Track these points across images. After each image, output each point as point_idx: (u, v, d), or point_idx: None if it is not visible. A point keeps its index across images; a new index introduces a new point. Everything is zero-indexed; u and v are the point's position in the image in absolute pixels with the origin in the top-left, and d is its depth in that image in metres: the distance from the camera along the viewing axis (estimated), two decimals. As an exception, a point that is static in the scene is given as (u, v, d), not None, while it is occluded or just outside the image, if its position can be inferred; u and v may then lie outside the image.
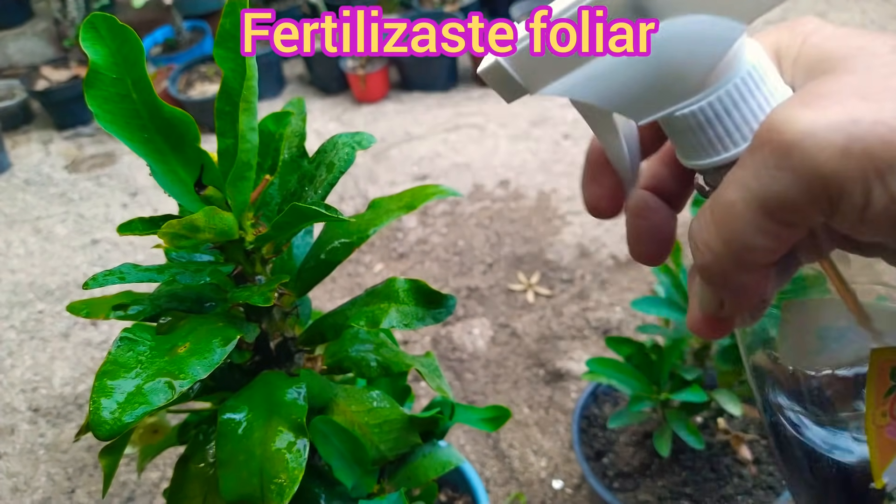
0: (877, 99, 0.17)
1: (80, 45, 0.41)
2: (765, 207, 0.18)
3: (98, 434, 0.35)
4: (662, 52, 0.19)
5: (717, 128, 0.20)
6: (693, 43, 0.19)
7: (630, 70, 0.20)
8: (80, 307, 0.51)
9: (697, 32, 0.19)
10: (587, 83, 0.21)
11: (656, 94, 0.20)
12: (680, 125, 0.21)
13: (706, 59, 0.19)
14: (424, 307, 0.49)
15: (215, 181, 0.46)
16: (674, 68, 0.20)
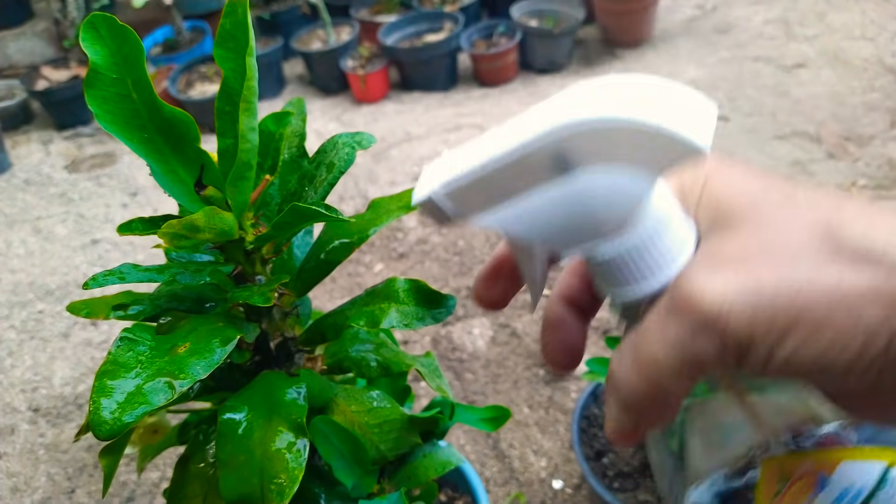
0: (774, 263, 0.20)
1: (80, 45, 0.41)
2: (686, 364, 0.21)
3: (98, 434, 0.35)
4: (581, 198, 0.21)
5: (629, 267, 0.23)
6: (608, 192, 0.21)
7: (552, 211, 0.22)
8: (80, 307, 0.51)
9: (613, 183, 0.21)
10: (513, 219, 0.23)
11: (576, 234, 0.23)
12: (600, 261, 0.23)
13: (620, 206, 0.22)
14: (424, 307, 0.49)
15: (215, 181, 0.46)
16: (592, 213, 0.22)
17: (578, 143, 0.20)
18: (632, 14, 2.31)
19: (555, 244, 0.24)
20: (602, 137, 0.20)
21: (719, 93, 2.06)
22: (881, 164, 1.69)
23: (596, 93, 0.20)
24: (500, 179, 0.22)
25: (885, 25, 2.25)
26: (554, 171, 0.21)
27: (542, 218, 0.23)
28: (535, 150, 0.21)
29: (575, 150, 0.21)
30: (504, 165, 0.22)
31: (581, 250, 0.24)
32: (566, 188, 0.22)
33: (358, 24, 2.45)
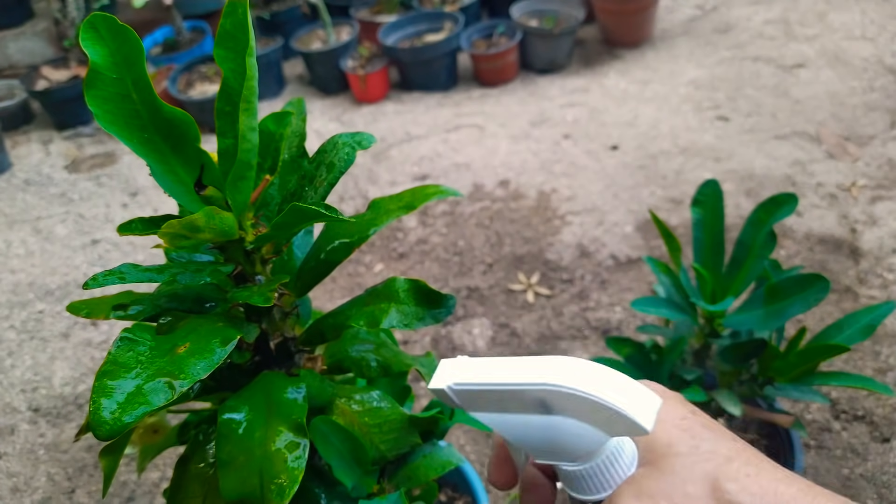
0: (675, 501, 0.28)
1: (80, 45, 0.41)
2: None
3: (98, 434, 0.35)
4: (554, 432, 0.30)
5: (585, 482, 0.31)
6: (574, 435, 0.30)
7: (533, 432, 0.31)
8: (80, 307, 0.51)
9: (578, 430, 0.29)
10: (504, 426, 0.32)
11: (548, 452, 0.32)
12: (562, 471, 0.32)
13: (582, 445, 0.30)
14: (424, 307, 0.49)
15: (215, 181, 0.46)
16: (560, 444, 0.30)
17: (559, 399, 0.29)
18: (632, 14, 2.31)
19: (529, 451, 0.33)
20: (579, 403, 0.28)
21: (719, 93, 2.06)
22: (881, 164, 1.69)
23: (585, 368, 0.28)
24: (498, 398, 0.31)
25: (885, 25, 2.25)
26: (538, 408, 0.30)
27: (525, 434, 0.31)
28: (527, 392, 0.29)
29: (555, 402, 0.29)
30: (503, 391, 0.30)
31: (547, 461, 0.32)
32: (545, 422, 0.30)
33: (358, 24, 2.45)
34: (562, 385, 0.28)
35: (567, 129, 2.02)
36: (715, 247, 0.84)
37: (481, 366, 0.32)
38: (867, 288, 1.38)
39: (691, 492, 0.28)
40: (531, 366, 0.30)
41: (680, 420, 0.31)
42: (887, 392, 0.79)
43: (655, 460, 0.30)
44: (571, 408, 0.29)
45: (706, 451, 0.29)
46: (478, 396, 0.32)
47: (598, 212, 1.68)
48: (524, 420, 0.31)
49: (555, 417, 0.30)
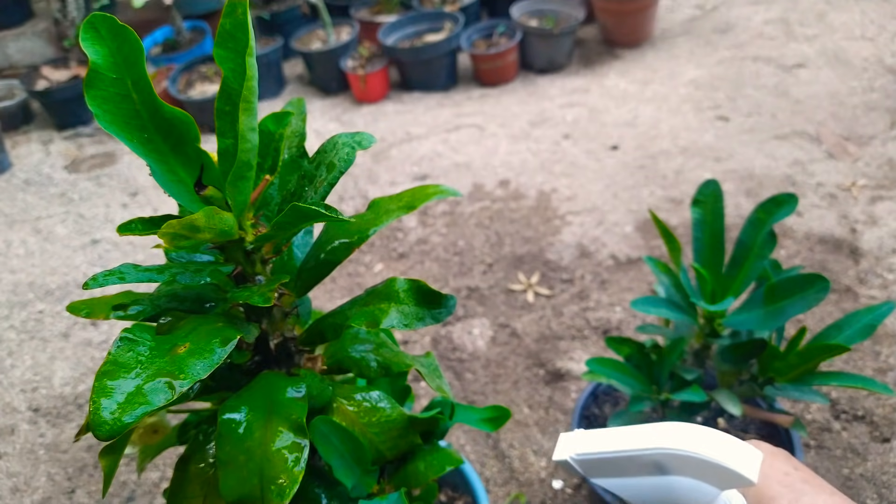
0: None
1: (80, 45, 0.41)
2: None
3: (98, 434, 0.35)
4: (671, 489, 0.33)
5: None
6: (690, 490, 0.33)
7: (651, 492, 0.34)
8: (80, 307, 0.51)
9: (694, 488, 0.33)
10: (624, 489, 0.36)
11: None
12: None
13: (697, 499, 0.33)
14: (424, 307, 0.49)
15: (215, 181, 0.46)
16: (676, 499, 0.33)
17: (673, 461, 0.33)
18: (632, 14, 2.31)
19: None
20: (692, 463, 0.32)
21: (719, 93, 2.06)
22: (881, 164, 1.69)
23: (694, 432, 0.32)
24: (617, 464, 0.35)
25: (885, 25, 2.25)
26: (655, 470, 0.34)
27: (643, 493, 0.35)
28: (645, 457, 0.33)
29: (670, 464, 0.33)
30: (622, 458, 0.34)
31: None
32: (661, 482, 0.34)
33: (358, 24, 2.45)
34: (675, 449, 0.32)
35: (567, 129, 2.02)
36: (715, 247, 0.84)
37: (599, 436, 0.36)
38: (867, 288, 1.38)
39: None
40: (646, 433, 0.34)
41: (783, 476, 0.34)
42: (887, 392, 0.78)
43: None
44: (684, 467, 0.33)
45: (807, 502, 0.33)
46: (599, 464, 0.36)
47: (598, 212, 1.68)
48: (642, 482, 0.35)
49: (671, 477, 0.34)
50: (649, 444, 0.33)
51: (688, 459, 0.32)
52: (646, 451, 0.33)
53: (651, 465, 0.34)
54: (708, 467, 0.32)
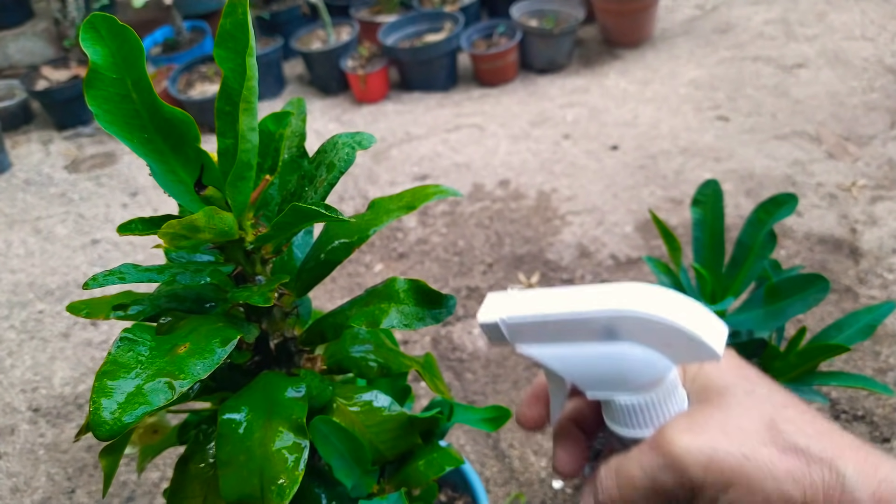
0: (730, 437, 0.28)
1: (80, 45, 0.41)
2: (651, 486, 0.29)
3: (98, 434, 0.35)
4: (617, 361, 0.29)
5: (637, 416, 0.31)
6: (639, 363, 0.29)
7: (592, 362, 0.30)
8: (80, 307, 0.51)
9: (644, 359, 0.29)
10: (557, 358, 0.31)
11: (603, 383, 0.31)
12: (614, 405, 0.31)
13: (644, 375, 0.29)
14: (424, 307, 0.49)
15: (215, 181, 0.46)
16: (621, 373, 0.30)
17: (629, 325, 0.28)
18: (632, 14, 2.31)
19: (583, 385, 0.32)
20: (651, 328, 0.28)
21: (719, 93, 2.06)
22: (881, 164, 1.69)
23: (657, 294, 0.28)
24: (557, 329, 0.30)
25: (885, 25, 2.25)
26: (602, 336, 0.29)
27: (581, 365, 0.31)
28: (594, 320, 0.29)
29: (624, 329, 0.28)
30: (565, 321, 0.30)
31: (602, 394, 0.31)
32: (607, 350, 0.29)
33: (358, 24, 2.45)
34: (635, 311, 0.27)
35: (567, 129, 2.02)
36: (715, 247, 0.84)
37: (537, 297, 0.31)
38: (867, 288, 1.38)
39: (746, 427, 0.28)
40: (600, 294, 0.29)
41: (736, 368, 0.31)
42: (887, 392, 0.79)
43: (709, 399, 0.30)
44: (640, 333, 0.28)
45: (762, 395, 0.30)
46: (534, 329, 0.30)
47: (598, 212, 1.68)
48: (584, 350, 0.30)
49: (620, 345, 0.29)
50: (605, 306, 0.28)
51: (648, 324, 0.27)
52: (600, 313, 0.28)
53: (600, 331, 0.29)
54: (669, 334, 0.27)
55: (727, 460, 0.27)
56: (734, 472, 0.27)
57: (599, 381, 0.31)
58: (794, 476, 0.27)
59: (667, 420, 0.30)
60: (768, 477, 0.27)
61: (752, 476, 0.27)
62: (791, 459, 0.27)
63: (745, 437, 0.28)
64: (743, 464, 0.27)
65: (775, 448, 0.27)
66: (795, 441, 0.27)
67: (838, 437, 0.28)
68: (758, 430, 0.28)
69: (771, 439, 0.27)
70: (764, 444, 0.27)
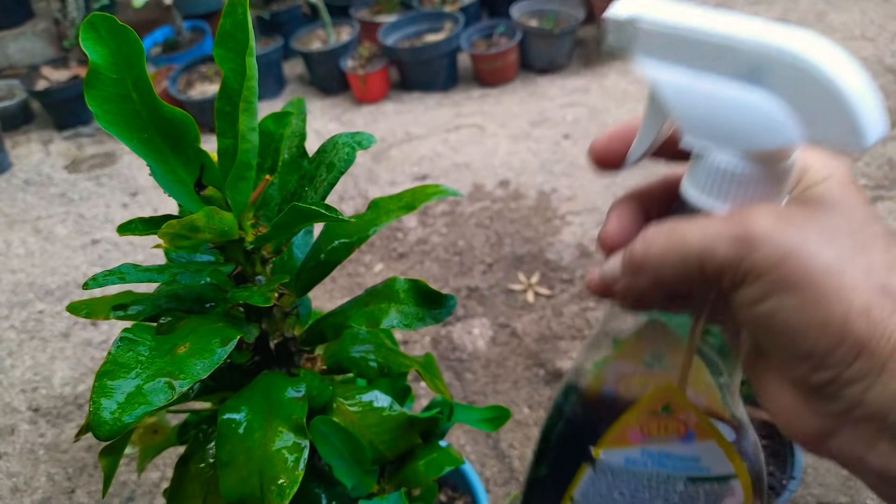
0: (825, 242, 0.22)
1: (80, 45, 0.41)
2: (702, 254, 0.24)
3: (98, 434, 0.35)
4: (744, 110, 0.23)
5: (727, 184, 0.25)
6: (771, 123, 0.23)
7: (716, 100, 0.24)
8: (80, 307, 0.51)
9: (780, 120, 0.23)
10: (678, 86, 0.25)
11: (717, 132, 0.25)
12: (708, 163, 0.25)
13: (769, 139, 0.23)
14: (424, 307, 0.49)
15: (215, 181, 0.46)
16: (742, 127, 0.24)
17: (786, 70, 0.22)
18: (632, 14, 2.31)
19: (690, 126, 0.25)
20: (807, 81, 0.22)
21: (719, 93, 2.06)
22: (881, 164, 1.69)
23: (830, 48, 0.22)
24: (697, 50, 0.24)
25: (885, 25, 2.25)
26: (744, 75, 0.23)
27: (701, 101, 0.24)
28: (745, 50, 0.23)
29: (777, 73, 0.22)
30: (711, 42, 0.23)
31: (704, 145, 0.25)
32: (742, 93, 0.23)
33: (358, 24, 2.45)
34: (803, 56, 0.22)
35: (567, 129, 2.02)
36: (715, 247, 0.84)
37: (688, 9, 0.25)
38: (867, 288, 1.38)
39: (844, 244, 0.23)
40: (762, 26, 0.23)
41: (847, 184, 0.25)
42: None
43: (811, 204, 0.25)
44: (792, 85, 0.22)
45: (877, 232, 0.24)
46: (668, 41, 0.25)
47: (599, 212, 1.68)
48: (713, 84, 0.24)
49: (760, 91, 0.23)
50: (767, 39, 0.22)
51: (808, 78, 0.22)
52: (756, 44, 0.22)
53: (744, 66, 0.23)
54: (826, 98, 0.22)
55: (809, 262, 0.22)
56: (809, 278, 0.22)
57: (710, 127, 0.25)
58: (872, 315, 0.22)
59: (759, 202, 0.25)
60: (843, 301, 0.22)
61: (825, 290, 0.22)
62: (878, 297, 0.22)
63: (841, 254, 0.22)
64: (824, 275, 0.22)
65: (867, 279, 0.22)
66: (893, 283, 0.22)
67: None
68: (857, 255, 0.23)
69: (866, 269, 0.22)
70: (856, 270, 0.22)
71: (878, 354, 0.22)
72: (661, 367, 0.30)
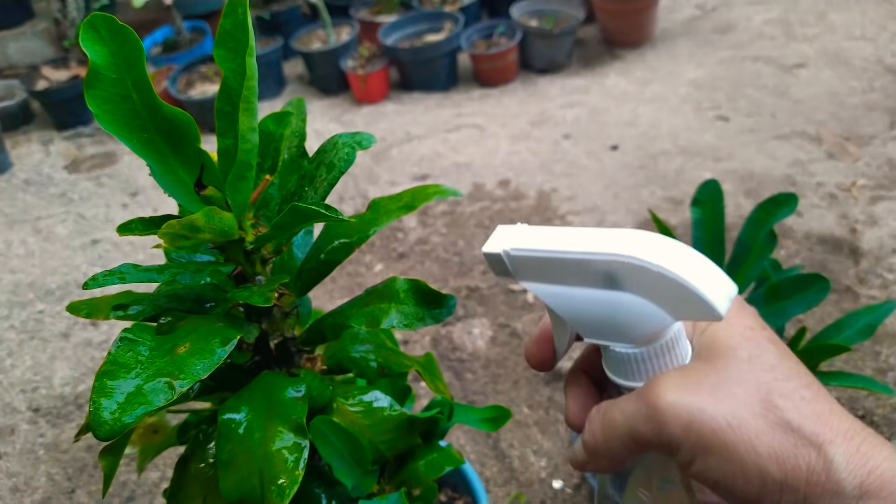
0: (720, 399, 0.26)
1: (80, 45, 0.41)
2: (630, 435, 0.28)
3: (98, 434, 0.35)
4: (617, 310, 0.28)
5: (634, 366, 0.29)
6: (639, 315, 0.27)
7: (591, 307, 0.29)
8: (80, 307, 0.51)
9: (644, 311, 0.27)
10: (559, 299, 0.30)
11: (603, 331, 0.29)
12: (610, 353, 0.30)
13: (643, 327, 0.28)
14: (424, 307, 0.49)
15: (215, 181, 0.46)
16: (619, 323, 0.28)
17: (631, 273, 0.26)
18: (632, 14, 2.31)
19: (582, 329, 0.31)
20: (651, 278, 0.26)
21: (719, 93, 2.06)
22: (881, 164, 1.69)
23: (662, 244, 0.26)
24: (559, 268, 0.29)
25: (885, 25, 2.25)
26: (603, 283, 0.28)
27: (581, 309, 0.29)
28: (596, 263, 0.27)
29: (625, 277, 0.27)
30: (567, 261, 0.28)
31: (600, 341, 0.30)
32: (608, 298, 0.28)
33: (358, 24, 2.45)
34: (637, 258, 0.26)
35: (567, 129, 2.02)
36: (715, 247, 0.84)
37: (544, 234, 0.29)
38: (867, 288, 1.38)
39: (738, 394, 0.26)
40: (603, 237, 0.27)
41: (747, 329, 0.29)
42: (887, 392, 0.78)
43: (710, 357, 0.28)
44: (642, 284, 0.26)
45: (767, 363, 0.27)
46: (537, 265, 0.29)
47: (599, 212, 1.68)
48: (584, 294, 0.28)
49: (620, 294, 0.27)
50: (608, 249, 0.26)
51: (650, 275, 0.26)
52: (602, 257, 0.27)
53: (600, 276, 0.27)
54: (671, 288, 0.25)
55: (709, 424, 0.25)
56: (715, 439, 0.25)
57: (597, 328, 0.29)
58: (778, 455, 0.25)
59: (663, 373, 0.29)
60: (750, 451, 0.25)
61: (732, 446, 0.25)
62: (779, 437, 0.25)
63: (735, 405, 0.26)
64: (726, 432, 0.25)
65: (764, 422, 0.25)
66: (788, 418, 0.25)
67: (836, 421, 0.26)
68: (750, 399, 0.26)
69: (762, 411, 0.26)
70: (753, 416, 0.25)
71: (796, 487, 0.25)
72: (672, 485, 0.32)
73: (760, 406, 0.26)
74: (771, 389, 0.26)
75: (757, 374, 0.27)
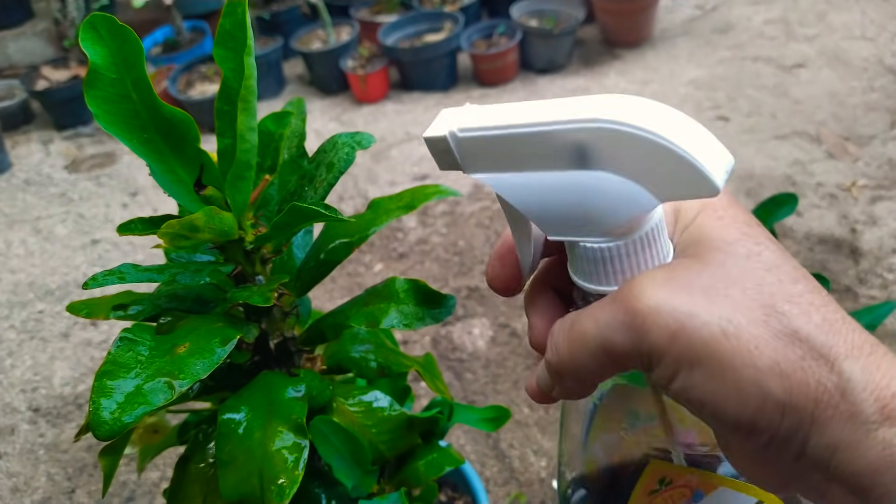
0: (714, 302, 0.21)
1: (80, 45, 0.41)
2: (603, 347, 0.23)
3: (98, 434, 0.35)
4: (587, 195, 0.22)
5: (604, 266, 0.24)
6: (615, 199, 0.22)
7: (556, 195, 0.23)
8: (80, 307, 0.51)
9: (622, 193, 0.22)
10: (516, 189, 0.24)
11: (571, 223, 0.24)
12: (579, 251, 0.24)
13: (620, 215, 0.23)
14: (424, 307, 0.49)
15: (215, 181, 0.46)
16: (592, 212, 0.23)
17: (607, 144, 0.21)
18: (632, 14, 2.31)
19: (546, 225, 0.25)
20: (633, 147, 0.21)
21: (719, 93, 2.06)
22: (881, 164, 1.69)
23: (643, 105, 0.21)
24: (518, 148, 0.23)
25: (885, 25, 2.25)
26: (571, 161, 0.22)
27: (544, 198, 0.24)
28: (563, 135, 0.22)
29: (600, 150, 0.21)
30: (527, 136, 0.22)
31: (566, 237, 0.25)
32: (576, 180, 0.22)
33: (358, 24, 2.45)
34: (615, 122, 0.20)
35: (567, 129, 2.02)
36: (715, 247, 0.84)
37: (497, 111, 0.23)
38: (867, 288, 1.38)
39: (736, 296, 0.21)
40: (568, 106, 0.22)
41: (743, 224, 0.23)
42: (887, 392, 0.78)
43: (699, 254, 0.23)
44: (619, 156, 0.21)
45: (769, 261, 0.22)
46: (489, 147, 0.23)
47: (598, 212, 1.68)
48: (547, 179, 0.23)
49: (592, 173, 0.22)
50: (577, 115, 0.21)
51: (631, 142, 0.20)
52: (569, 126, 0.21)
53: (567, 152, 0.22)
54: (657, 158, 0.20)
55: (701, 332, 0.21)
56: (706, 349, 0.21)
57: (563, 220, 0.24)
58: (782, 369, 0.20)
59: None
60: (748, 364, 0.20)
61: (726, 358, 0.21)
62: (783, 348, 0.21)
63: (732, 309, 0.21)
64: (719, 341, 0.21)
65: (767, 330, 0.21)
66: (796, 326, 0.21)
67: (850, 332, 0.21)
68: (750, 304, 0.21)
69: (764, 317, 0.21)
70: (753, 323, 0.21)
71: (802, 408, 0.20)
72: (641, 423, 0.29)
73: (762, 311, 0.21)
74: (776, 292, 0.21)
75: (758, 274, 0.22)
